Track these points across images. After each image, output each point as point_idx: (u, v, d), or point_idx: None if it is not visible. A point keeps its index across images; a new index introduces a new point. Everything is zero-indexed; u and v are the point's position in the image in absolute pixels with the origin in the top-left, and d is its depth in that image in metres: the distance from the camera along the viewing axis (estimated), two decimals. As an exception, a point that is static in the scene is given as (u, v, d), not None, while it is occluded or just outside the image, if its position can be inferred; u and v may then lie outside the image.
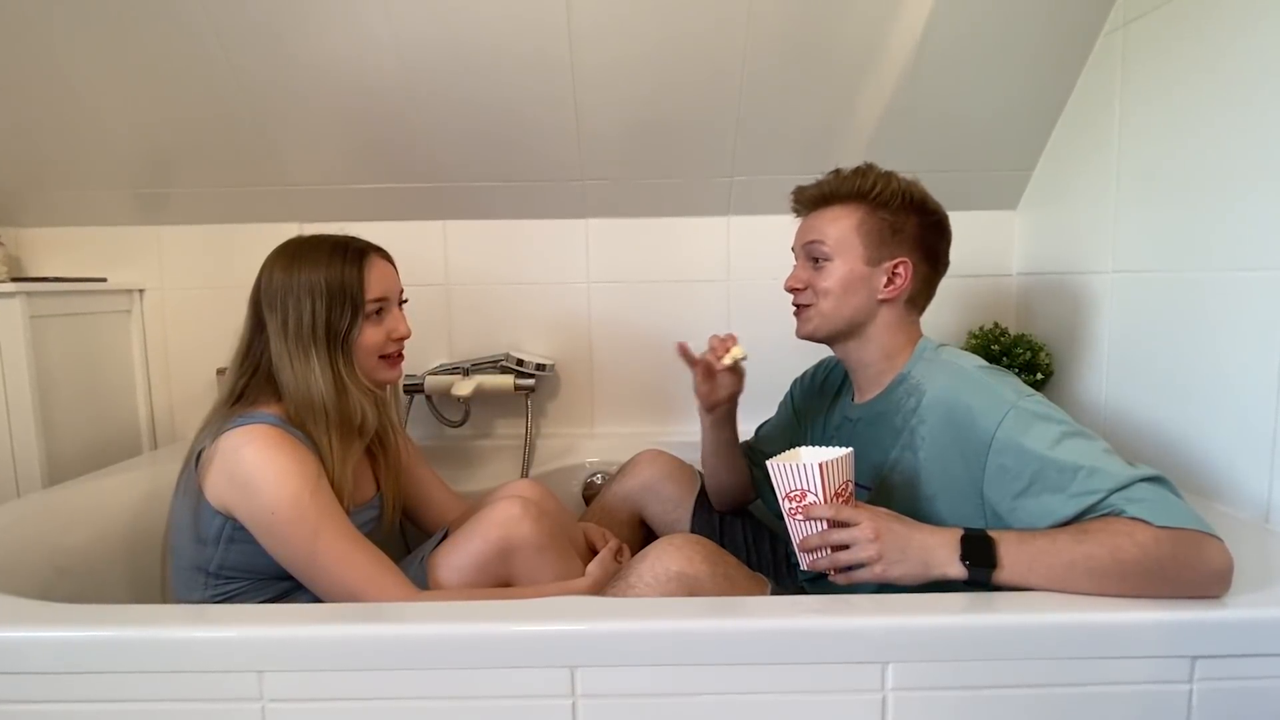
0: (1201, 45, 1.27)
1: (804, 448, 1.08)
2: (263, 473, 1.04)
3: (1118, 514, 0.89)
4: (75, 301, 1.69)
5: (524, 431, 1.84)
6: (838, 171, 1.20)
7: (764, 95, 1.61)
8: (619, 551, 1.29)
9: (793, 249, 1.25)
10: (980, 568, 0.90)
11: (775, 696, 0.87)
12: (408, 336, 1.22)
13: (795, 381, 1.47)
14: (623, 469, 1.55)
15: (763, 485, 1.43)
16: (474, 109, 1.63)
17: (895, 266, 1.16)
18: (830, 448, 1.03)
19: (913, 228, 1.16)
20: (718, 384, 1.32)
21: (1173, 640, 0.86)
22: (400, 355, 1.23)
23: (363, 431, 1.19)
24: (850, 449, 1.01)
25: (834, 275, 1.17)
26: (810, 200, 1.22)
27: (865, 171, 1.18)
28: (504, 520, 1.17)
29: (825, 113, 1.65)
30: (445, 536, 1.24)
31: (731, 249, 1.88)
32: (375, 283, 1.16)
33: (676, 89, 1.60)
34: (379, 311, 1.18)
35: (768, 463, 1.00)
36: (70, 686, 0.87)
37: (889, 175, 1.17)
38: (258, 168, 1.74)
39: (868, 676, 0.87)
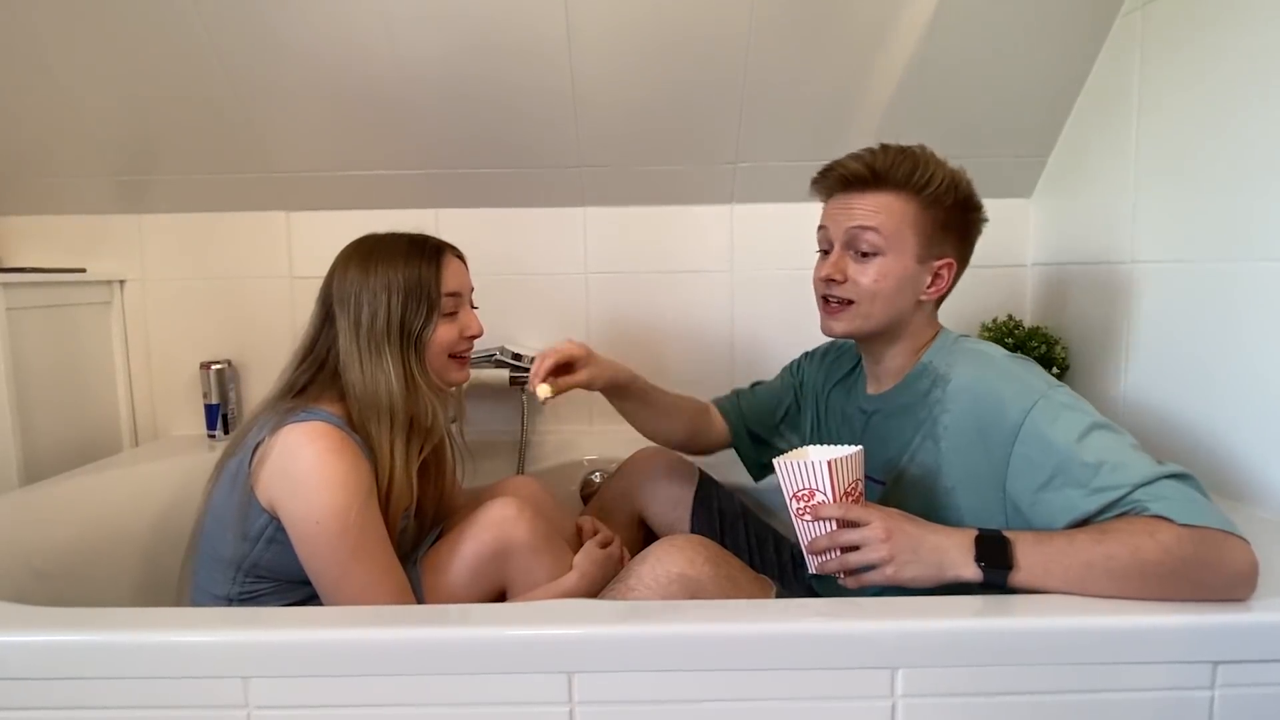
0: (1224, 25, 1.26)
1: (812, 447, 1.07)
2: (317, 478, 1.03)
3: (1140, 511, 0.88)
4: (53, 293, 1.68)
5: (519, 428, 1.84)
6: (885, 148, 1.12)
7: (769, 79, 1.60)
8: (608, 541, 1.29)
9: (823, 228, 1.16)
10: (996, 569, 0.90)
11: (780, 704, 0.87)
12: (480, 334, 1.24)
13: (805, 354, 1.44)
14: (621, 467, 1.55)
15: (742, 439, 1.42)
16: (467, 92, 1.62)
17: (941, 267, 1.13)
18: (839, 446, 1.02)
19: (959, 225, 1.13)
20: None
21: (1194, 645, 0.86)
22: (470, 356, 1.25)
23: (432, 433, 1.19)
24: (860, 447, 1.01)
25: (885, 272, 1.10)
26: (851, 178, 1.12)
27: (917, 156, 1.11)
28: (498, 521, 1.17)
29: (832, 97, 1.64)
30: (440, 535, 1.24)
31: (735, 238, 1.87)
32: (450, 279, 1.18)
33: (678, 71, 1.59)
34: (453, 311, 1.19)
35: (775, 461, 1.00)
36: (48, 692, 0.87)
37: (942, 165, 1.12)
38: (243, 154, 1.73)
39: (877, 682, 0.86)
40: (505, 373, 1.81)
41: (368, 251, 1.17)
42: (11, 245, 1.84)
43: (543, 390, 1.21)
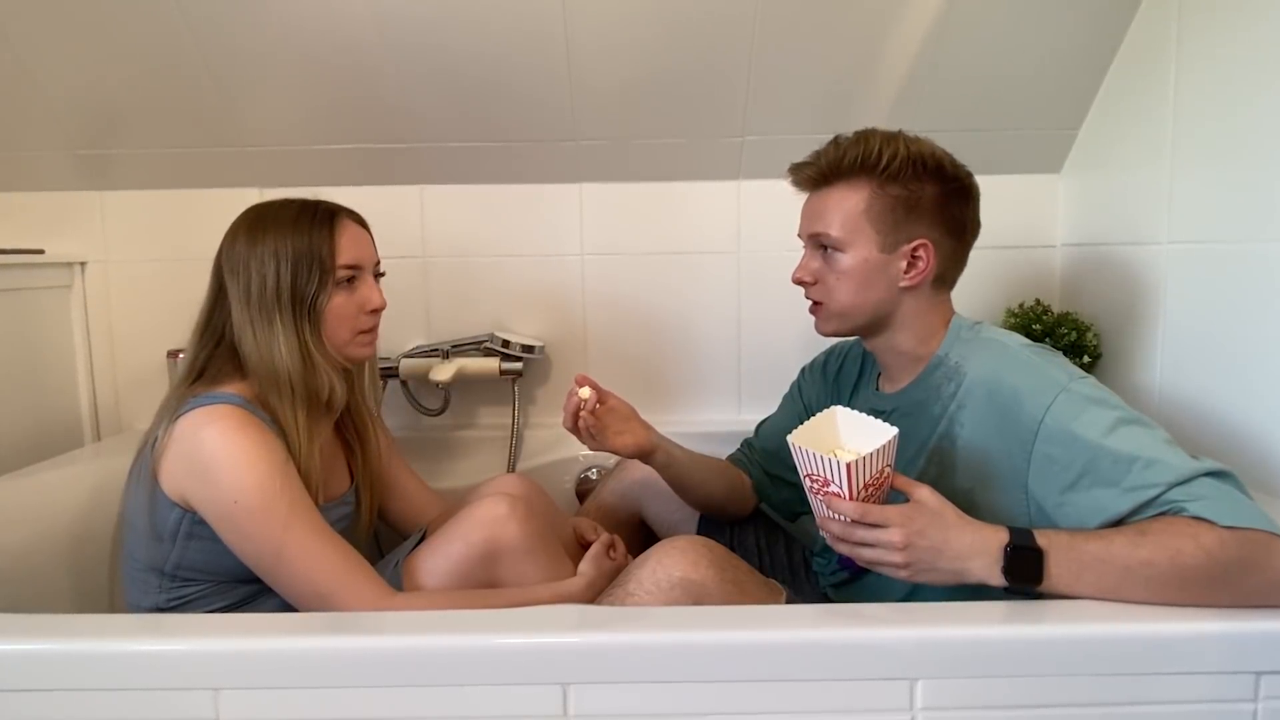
0: (1272, -13, 1.25)
1: (839, 408, 1.04)
2: (225, 457, 1.04)
3: (1178, 512, 0.88)
4: (8, 275, 1.67)
5: (510, 421, 1.83)
6: (836, 141, 1.16)
7: (779, 45, 1.59)
8: (612, 545, 1.29)
9: (798, 235, 1.22)
10: (1024, 583, 0.89)
11: (791, 717, 0.87)
12: (382, 308, 1.22)
13: (803, 370, 1.45)
14: (621, 463, 1.55)
15: (767, 488, 1.41)
16: (455, 60, 1.60)
17: (915, 249, 1.12)
18: (871, 419, 0.99)
19: (931, 199, 1.12)
20: (607, 430, 1.25)
21: (1236, 654, 0.86)
22: (374, 331, 1.24)
23: (330, 407, 1.19)
24: (889, 438, 0.95)
25: (845, 268, 1.14)
26: (809, 179, 1.18)
27: (867, 138, 1.13)
28: (489, 520, 1.16)
29: (847, 64, 1.63)
30: (423, 538, 1.24)
31: (742, 217, 1.86)
32: (347, 247, 1.18)
33: (681, 38, 1.58)
34: (350, 280, 1.18)
35: (788, 438, 0.97)
36: (5, 705, 0.86)
37: (895, 139, 1.12)
38: (213, 126, 1.72)
39: (894, 695, 0.86)
40: (495, 361, 1.80)
41: (256, 216, 1.18)
42: (-36, 224, 1.83)
43: (584, 391, 1.21)
